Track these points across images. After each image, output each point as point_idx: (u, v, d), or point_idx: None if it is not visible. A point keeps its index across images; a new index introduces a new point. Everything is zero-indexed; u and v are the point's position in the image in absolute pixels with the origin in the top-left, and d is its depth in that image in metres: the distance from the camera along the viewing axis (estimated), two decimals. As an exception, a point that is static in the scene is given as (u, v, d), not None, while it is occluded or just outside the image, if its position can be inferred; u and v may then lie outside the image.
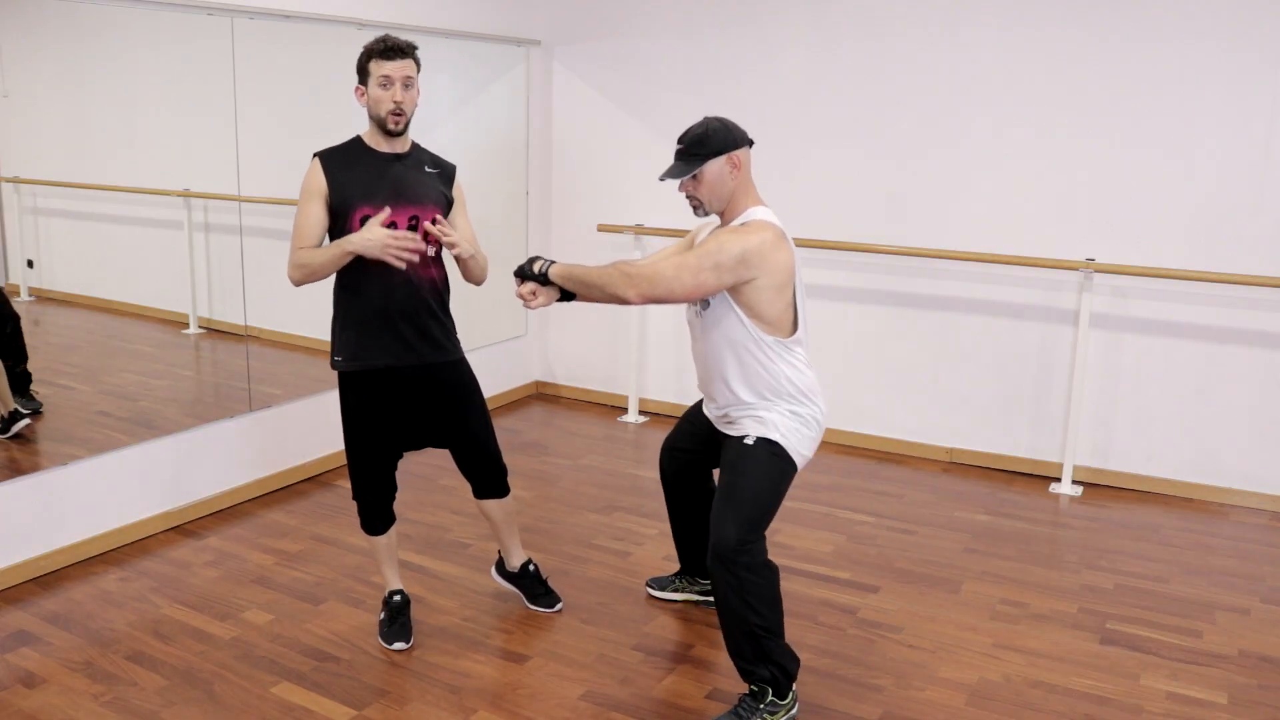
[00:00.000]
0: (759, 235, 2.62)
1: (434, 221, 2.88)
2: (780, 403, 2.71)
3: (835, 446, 4.99)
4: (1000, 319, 4.63)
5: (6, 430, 3.62)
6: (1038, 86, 4.38)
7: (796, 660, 2.71)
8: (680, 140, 2.73)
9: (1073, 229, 4.40)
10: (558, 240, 5.70)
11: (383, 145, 2.90)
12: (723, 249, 2.59)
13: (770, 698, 2.67)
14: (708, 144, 2.68)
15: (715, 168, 2.69)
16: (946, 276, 4.70)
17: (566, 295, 2.84)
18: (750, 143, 2.75)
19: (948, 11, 4.50)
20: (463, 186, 3.08)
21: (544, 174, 5.65)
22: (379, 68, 2.79)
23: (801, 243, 4.85)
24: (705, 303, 2.73)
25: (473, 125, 5.29)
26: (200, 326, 4.37)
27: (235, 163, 4.10)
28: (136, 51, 4.00)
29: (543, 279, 2.82)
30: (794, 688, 2.73)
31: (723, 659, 3.04)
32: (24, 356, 3.69)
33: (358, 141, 2.93)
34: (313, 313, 4.78)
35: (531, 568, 3.37)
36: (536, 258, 2.85)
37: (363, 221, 2.81)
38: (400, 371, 2.94)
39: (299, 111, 4.49)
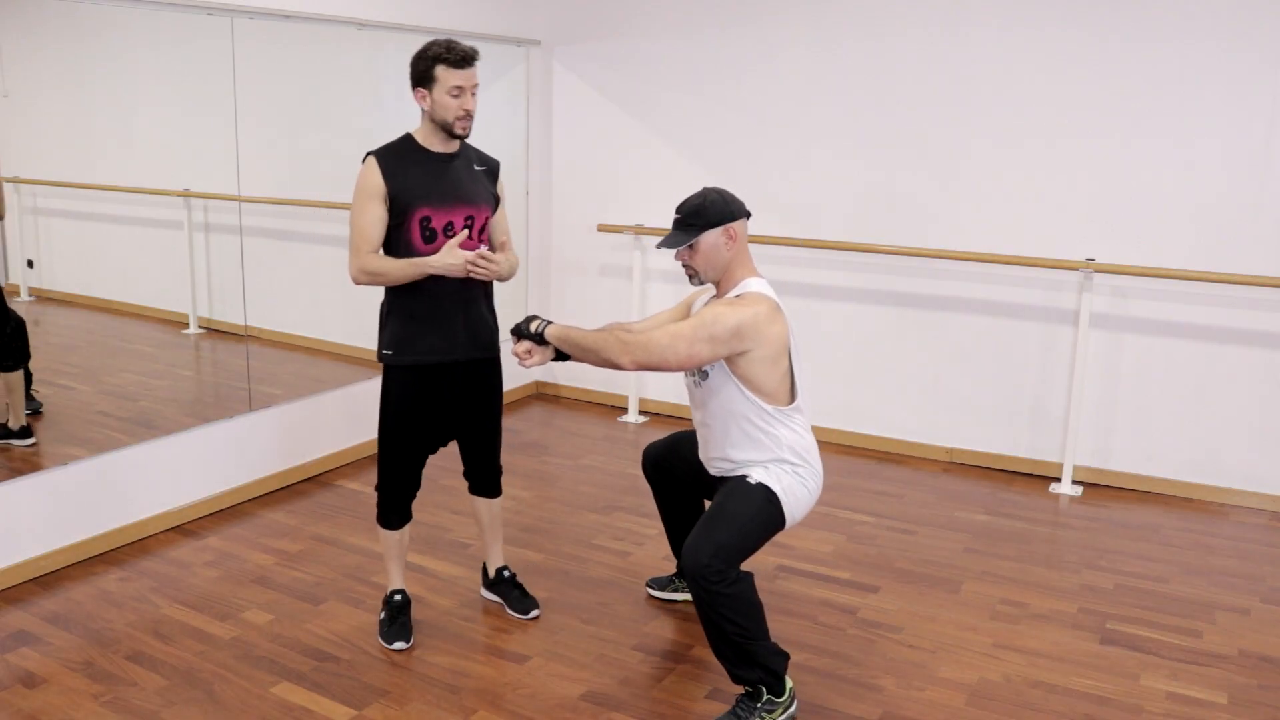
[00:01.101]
0: (754, 308, 2.66)
1: (484, 228, 2.99)
2: (783, 464, 2.76)
3: (835, 446, 4.99)
4: (1000, 319, 4.63)
5: (7, 437, 3.62)
6: (1037, 87, 4.38)
7: (785, 657, 2.71)
8: (678, 210, 2.78)
9: (1073, 229, 4.40)
10: (558, 240, 5.70)
11: (436, 145, 2.94)
12: (718, 321, 2.63)
13: (766, 696, 2.67)
14: (704, 215, 2.73)
15: (711, 239, 2.74)
16: (946, 276, 4.69)
17: (561, 355, 2.87)
18: (748, 214, 2.79)
19: (948, 11, 4.50)
20: (504, 182, 3.14)
21: (544, 174, 5.65)
22: (451, 76, 2.82)
23: (802, 243, 4.88)
24: (704, 372, 2.78)
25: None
26: (200, 326, 4.38)
27: (235, 163, 4.10)
28: (136, 51, 4.00)
29: (539, 338, 2.85)
30: (791, 685, 2.73)
31: (723, 659, 3.05)
32: (26, 357, 3.69)
33: (410, 140, 2.96)
34: (313, 313, 4.79)
35: (506, 573, 3.39)
36: (534, 317, 2.90)
37: (422, 222, 2.87)
38: (446, 367, 3.00)
39: (299, 111, 4.49)
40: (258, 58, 4.10)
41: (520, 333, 2.88)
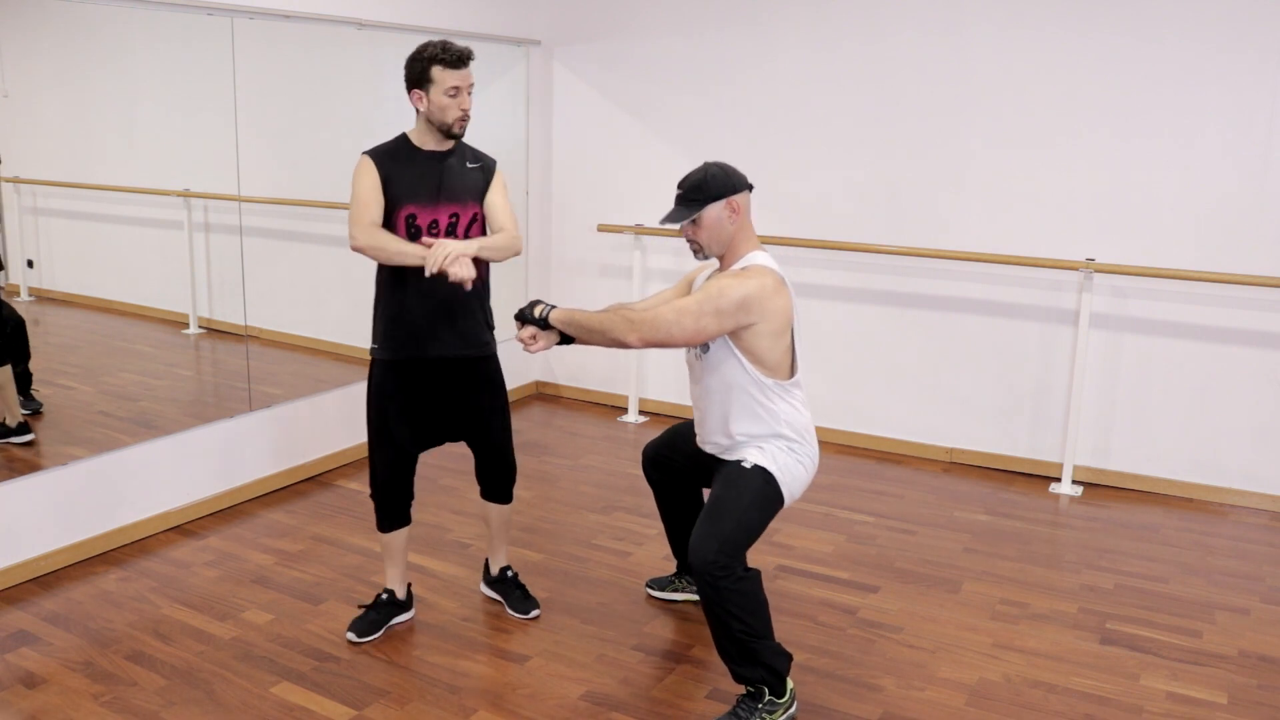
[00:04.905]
0: (759, 280, 2.66)
1: (470, 226, 2.95)
2: (779, 440, 2.76)
3: (835, 446, 4.99)
4: (1000, 319, 4.63)
5: (4, 435, 3.62)
6: (1037, 86, 4.38)
7: (788, 658, 2.71)
8: (680, 185, 2.78)
9: (1073, 229, 4.40)
10: (558, 240, 5.70)
11: (429, 144, 2.96)
12: (723, 294, 2.63)
13: (768, 697, 2.67)
14: (706, 189, 2.72)
15: (714, 212, 2.73)
16: (946, 276, 4.69)
17: (566, 339, 2.87)
18: (750, 187, 2.79)
19: (948, 12, 4.50)
20: (503, 174, 3.13)
21: (544, 174, 5.65)
22: (448, 77, 2.84)
23: (802, 243, 4.88)
24: (705, 346, 2.77)
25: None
26: (200, 326, 4.38)
27: (235, 163, 4.10)
28: (136, 51, 4.00)
29: (543, 323, 2.85)
30: (791, 685, 2.73)
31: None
32: (26, 356, 3.69)
33: (404, 140, 2.98)
34: (313, 313, 4.79)
35: (510, 574, 3.39)
36: (537, 302, 2.90)
37: (408, 219, 2.89)
38: (432, 363, 3.00)
39: (299, 111, 4.49)
40: (258, 58, 4.10)
41: (524, 318, 2.88)
